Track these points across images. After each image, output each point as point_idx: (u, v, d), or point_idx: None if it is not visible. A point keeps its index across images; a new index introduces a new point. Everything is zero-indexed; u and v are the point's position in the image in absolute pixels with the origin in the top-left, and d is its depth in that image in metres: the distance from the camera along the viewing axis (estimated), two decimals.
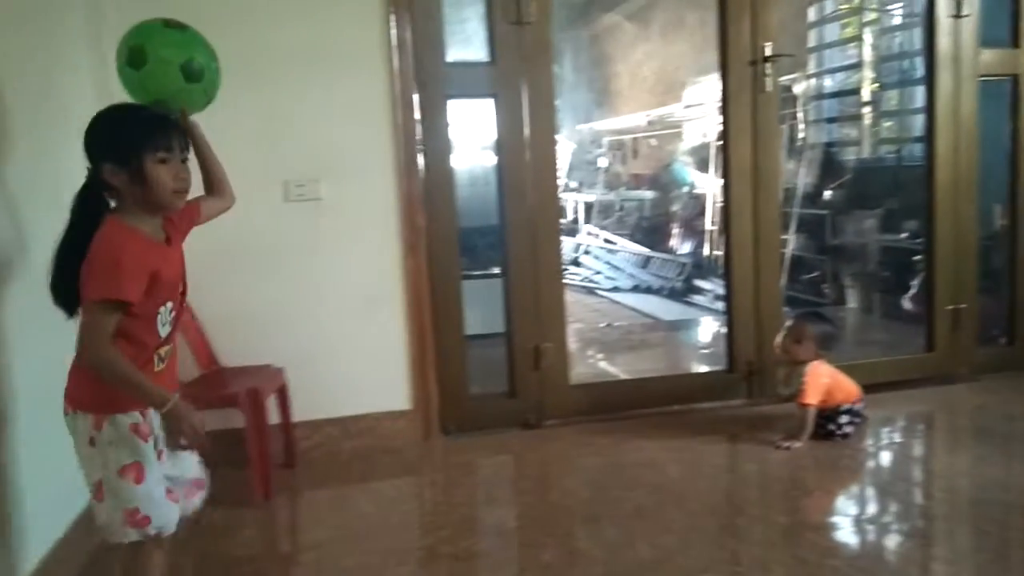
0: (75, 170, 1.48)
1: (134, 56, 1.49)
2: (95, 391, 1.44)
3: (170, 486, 1.52)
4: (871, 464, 2.71)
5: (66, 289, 1.44)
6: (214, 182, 1.72)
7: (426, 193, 2.86)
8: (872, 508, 2.36)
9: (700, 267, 7.22)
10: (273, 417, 2.60)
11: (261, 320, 2.74)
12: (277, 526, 2.41)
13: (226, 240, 2.68)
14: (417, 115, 2.81)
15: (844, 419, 2.78)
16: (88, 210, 1.45)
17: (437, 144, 2.89)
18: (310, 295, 2.77)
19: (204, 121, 1.64)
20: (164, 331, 1.51)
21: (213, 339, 2.67)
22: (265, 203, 2.69)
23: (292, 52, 2.66)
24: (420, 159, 2.83)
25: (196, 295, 2.60)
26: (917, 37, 5.77)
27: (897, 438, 2.92)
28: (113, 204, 1.47)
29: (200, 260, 2.63)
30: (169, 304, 1.52)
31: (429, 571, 2.04)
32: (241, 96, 2.61)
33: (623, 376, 3.98)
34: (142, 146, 1.43)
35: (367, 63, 2.71)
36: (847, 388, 2.82)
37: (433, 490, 2.67)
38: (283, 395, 2.68)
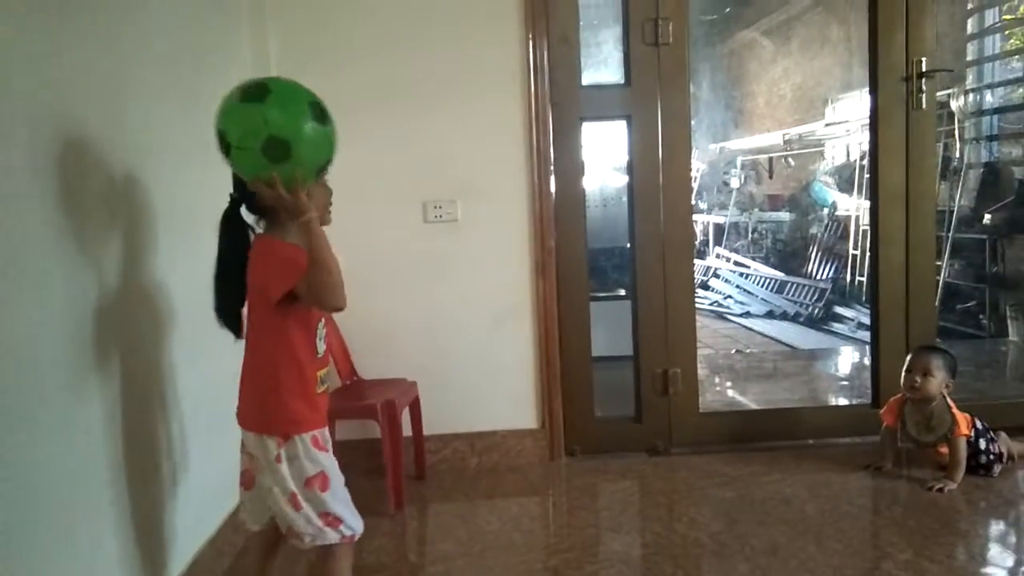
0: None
1: (219, 140, 1.43)
2: (276, 414, 1.55)
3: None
4: None
5: (230, 310, 1.57)
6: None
7: (557, 214, 2.88)
8: None
9: (842, 293, 6.85)
10: (405, 429, 2.68)
11: (397, 335, 2.85)
12: (407, 536, 2.47)
13: (368, 258, 2.83)
14: (551, 138, 2.85)
15: (983, 443, 2.61)
16: (236, 234, 1.57)
17: (569, 166, 2.91)
18: (444, 313, 2.86)
19: (349, 145, 1.70)
20: (321, 348, 1.61)
21: (353, 352, 2.80)
22: (406, 224, 2.81)
23: (433, 77, 2.77)
24: (552, 181, 2.86)
25: None
26: None
27: None
28: (258, 226, 1.58)
29: (345, 275, 2.81)
30: (322, 319, 1.62)
31: None
32: (384, 121, 2.77)
33: (754, 406, 3.82)
34: None
35: (505, 87, 2.78)
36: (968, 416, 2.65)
37: (558, 511, 2.66)
38: (416, 409, 2.76)
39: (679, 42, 2.88)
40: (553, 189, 2.87)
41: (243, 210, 1.58)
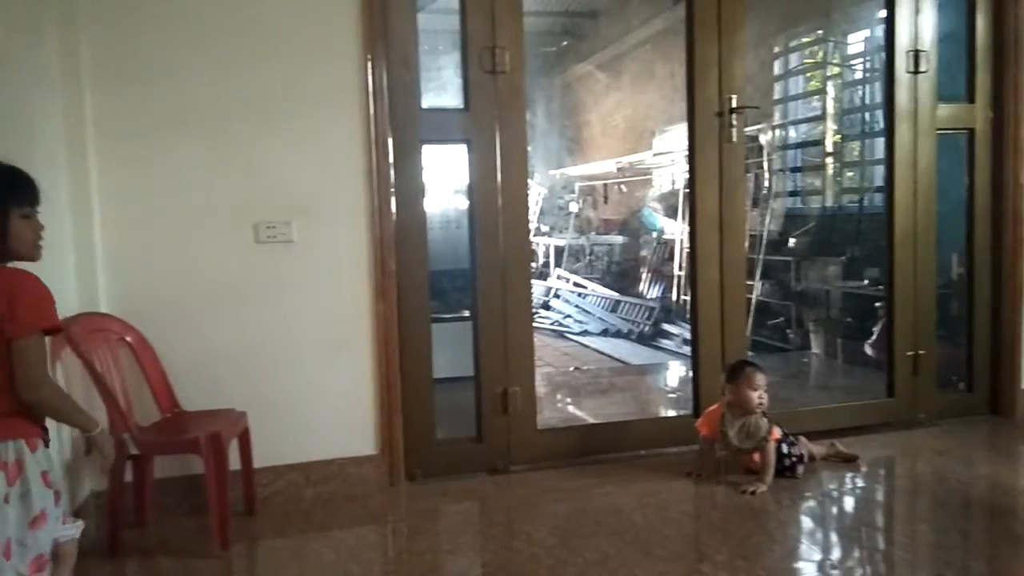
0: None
1: None
2: None
3: None
4: (833, 509, 2.74)
5: None
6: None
7: (398, 237, 2.86)
8: (836, 554, 2.37)
9: (668, 311, 7.28)
10: (234, 463, 2.54)
11: (226, 362, 2.69)
12: None
13: (194, 281, 2.68)
14: (391, 159, 2.83)
15: (785, 447, 2.85)
16: None
17: (410, 188, 2.90)
18: (278, 338, 2.74)
19: (177, 159, 1.58)
20: None
21: (175, 382, 2.62)
22: (235, 245, 2.68)
23: (267, 95, 2.67)
24: (393, 203, 2.85)
25: (161, 336, 2.60)
26: (878, 91, 5.98)
27: (859, 483, 2.94)
28: None
29: (166, 300, 2.64)
30: None
31: None
32: (215, 137, 2.65)
33: (591, 420, 3.97)
34: (8, 203, 1.57)
35: (342, 108, 2.73)
36: None
37: (396, 538, 2.62)
38: (245, 440, 2.62)
39: (516, 71, 2.97)
40: (394, 211, 2.85)
41: None
